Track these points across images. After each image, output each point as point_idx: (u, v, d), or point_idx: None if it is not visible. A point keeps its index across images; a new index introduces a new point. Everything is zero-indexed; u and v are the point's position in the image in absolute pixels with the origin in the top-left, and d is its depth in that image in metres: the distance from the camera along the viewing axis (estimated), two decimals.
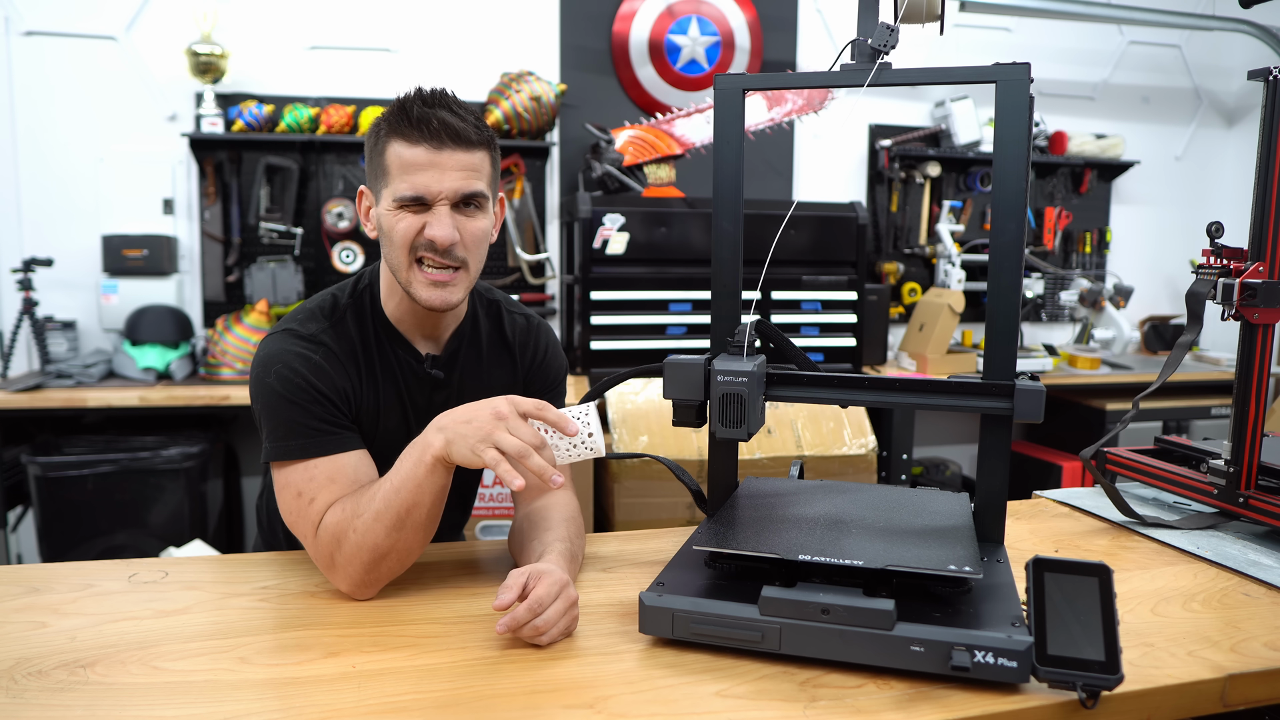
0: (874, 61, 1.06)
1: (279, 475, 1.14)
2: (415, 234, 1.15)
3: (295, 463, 1.12)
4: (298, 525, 1.12)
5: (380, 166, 1.16)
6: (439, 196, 1.14)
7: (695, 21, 3.67)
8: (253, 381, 1.18)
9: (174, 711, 0.82)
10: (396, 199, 1.14)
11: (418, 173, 1.13)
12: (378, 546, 1.06)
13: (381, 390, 1.24)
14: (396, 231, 1.15)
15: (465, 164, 1.15)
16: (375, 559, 1.06)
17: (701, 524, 1.13)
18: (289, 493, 1.13)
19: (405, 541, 1.07)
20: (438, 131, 1.13)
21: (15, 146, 3.14)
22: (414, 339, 1.26)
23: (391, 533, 1.05)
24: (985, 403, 1.06)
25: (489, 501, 2.82)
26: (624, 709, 0.83)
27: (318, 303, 1.24)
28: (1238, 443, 1.30)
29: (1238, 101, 4.41)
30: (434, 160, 1.13)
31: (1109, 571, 0.84)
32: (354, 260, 3.36)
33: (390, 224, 1.16)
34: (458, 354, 1.30)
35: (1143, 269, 4.32)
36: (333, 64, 3.38)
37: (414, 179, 1.13)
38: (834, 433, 2.73)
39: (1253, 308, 1.25)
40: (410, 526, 1.06)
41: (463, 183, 1.15)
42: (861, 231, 3.25)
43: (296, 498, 1.12)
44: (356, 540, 1.06)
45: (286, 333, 1.19)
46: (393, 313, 1.25)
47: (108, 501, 2.77)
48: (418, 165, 1.13)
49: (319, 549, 1.10)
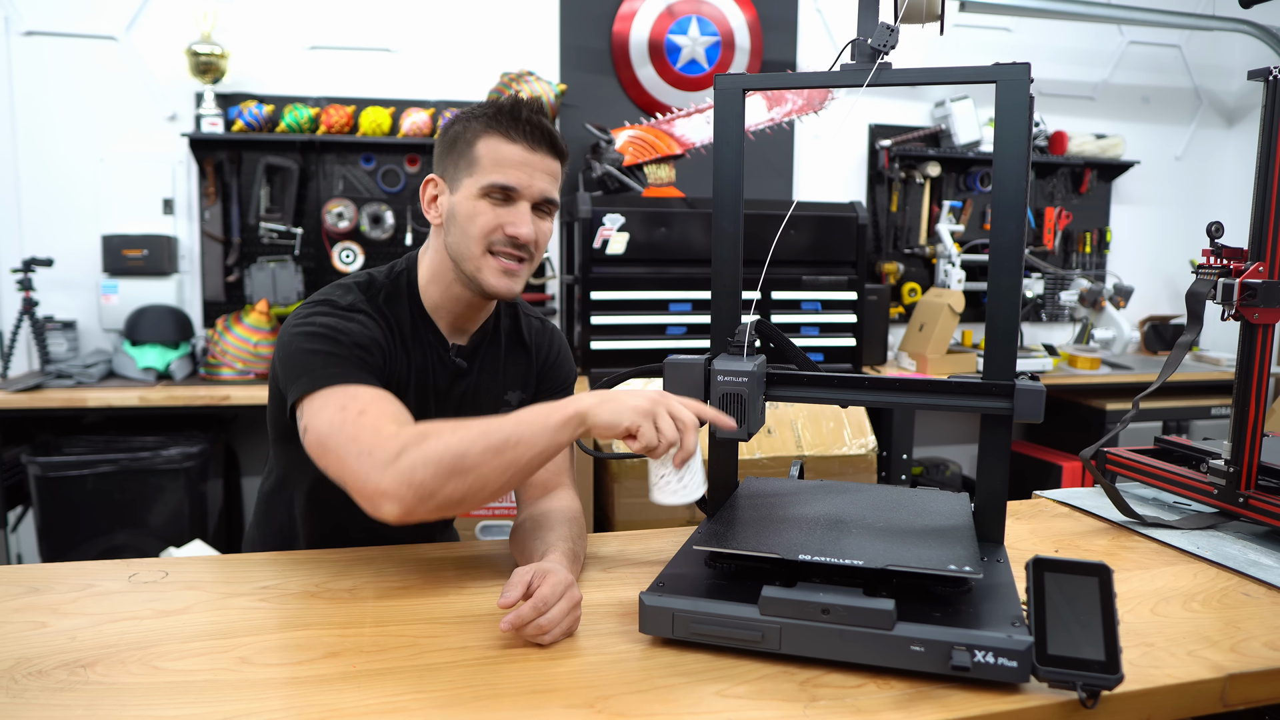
0: (874, 61, 1.06)
1: (312, 404, 1.07)
2: (494, 227, 1.20)
3: (334, 388, 1.08)
4: (343, 430, 1.03)
5: (468, 157, 1.21)
6: (526, 193, 1.21)
7: (695, 21, 3.67)
8: (281, 337, 1.17)
9: (174, 711, 0.82)
10: (485, 187, 1.20)
11: (512, 168, 1.20)
12: (467, 455, 0.98)
13: (411, 369, 1.27)
14: (476, 221, 1.20)
15: (551, 170, 1.24)
16: (455, 469, 0.98)
17: (701, 524, 1.13)
18: (329, 409, 1.05)
19: (490, 471, 0.99)
20: (537, 135, 1.21)
21: (15, 146, 3.14)
22: (444, 328, 1.31)
23: (488, 453, 0.99)
24: (985, 403, 1.06)
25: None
26: (624, 709, 0.83)
27: (354, 279, 1.28)
28: (1238, 443, 1.30)
29: (1238, 101, 4.41)
30: (528, 160, 1.21)
31: (1109, 571, 0.84)
32: (354, 260, 3.36)
33: (469, 212, 1.21)
34: (480, 347, 1.35)
35: (1143, 269, 4.32)
36: (333, 64, 3.38)
37: (509, 173, 1.20)
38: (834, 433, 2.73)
39: (1253, 308, 1.25)
40: (508, 460, 1.00)
41: (548, 185, 1.23)
42: (861, 231, 3.25)
43: (340, 410, 1.05)
44: (448, 441, 0.99)
45: (324, 302, 1.21)
46: (431, 300, 1.29)
47: (108, 501, 2.77)
48: (514, 161, 1.20)
49: (380, 444, 1.00)
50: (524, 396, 1.40)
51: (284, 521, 1.39)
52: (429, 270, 1.29)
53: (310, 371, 1.11)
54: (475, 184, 1.20)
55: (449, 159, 1.25)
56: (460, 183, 1.22)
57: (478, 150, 1.20)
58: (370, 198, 3.42)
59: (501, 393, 1.38)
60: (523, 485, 1.31)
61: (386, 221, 3.41)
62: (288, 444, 1.26)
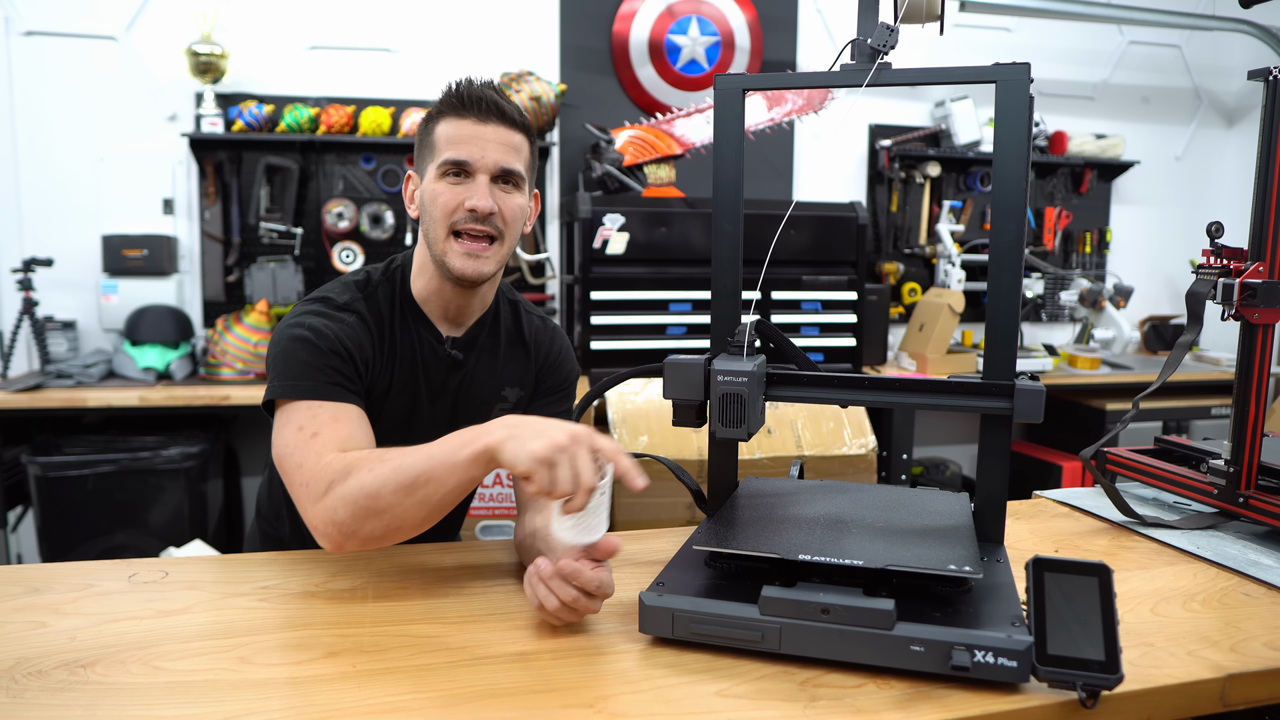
0: (874, 61, 1.06)
1: (281, 414, 1.14)
2: (455, 206, 1.21)
3: (301, 401, 1.13)
4: (292, 455, 1.09)
5: (428, 145, 1.24)
6: (480, 164, 1.21)
7: (695, 21, 3.67)
8: (273, 340, 1.21)
9: (174, 711, 0.82)
10: (440, 164, 1.21)
11: (462, 143, 1.21)
12: (379, 496, 1.00)
13: (398, 366, 1.28)
14: (437, 202, 1.21)
15: (507, 140, 1.22)
16: (369, 509, 1.01)
17: (701, 524, 1.13)
18: (289, 429, 1.11)
19: (405, 509, 1.00)
20: (485, 108, 1.21)
21: (15, 146, 3.14)
22: (437, 320, 1.31)
23: (399, 492, 1.00)
24: (985, 403, 1.06)
25: (489, 501, 2.82)
26: (624, 709, 0.83)
27: (352, 276, 1.31)
28: (1238, 443, 1.30)
29: (1238, 101, 4.41)
30: (478, 132, 1.21)
31: (1109, 571, 0.84)
32: (354, 260, 3.36)
33: (432, 194, 1.22)
34: (477, 340, 1.35)
35: (1143, 269, 4.32)
36: (333, 64, 3.38)
37: (459, 148, 1.20)
38: (834, 433, 2.73)
39: (1253, 308, 1.25)
40: (419, 498, 1.00)
41: (503, 156, 1.22)
42: (861, 231, 3.25)
43: (298, 430, 1.11)
44: (363, 480, 1.01)
45: (321, 300, 1.25)
46: (419, 292, 1.30)
47: (108, 501, 2.77)
48: (463, 136, 1.21)
49: (317, 476, 1.04)
50: (522, 394, 1.40)
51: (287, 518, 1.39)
52: (418, 263, 1.31)
53: (284, 376, 1.15)
54: (434, 166, 1.22)
55: (419, 152, 1.28)
56: (426, 170, 1.25)
57: (435, 135, 1.23)
58: (370, 198, 3.42)
59: (499, 388, 1.38)
60: (519, 482, 1.30)
61: (386, 221, 3.41)
62: None
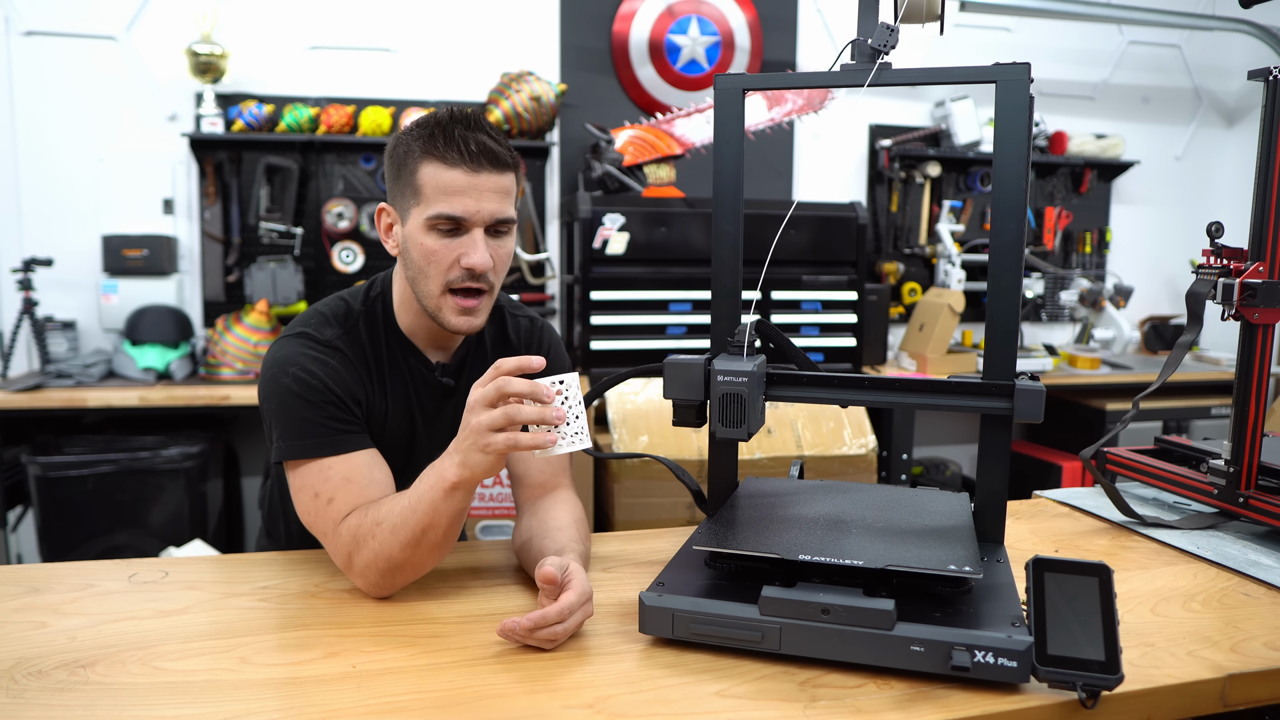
0: (874, 61, 1.06)
1: (294, 476, 1.15)
2: (450, 263, 1.15)
3: (310, 461, 1.13)
4: (316, 525, 1.13)
5: (411, 186, 1.15)
6: (476, 219, 1.14)
7: (695, 21, 3.66)
8: (264, 382, 1.18)
9: (174, 711, 0.82)
10: (431, 218, 1.13)
11: (456, 196, 1.13)
12: (393, 558, 1.06)
13: (391, 398, 1.25)
14: (431, 260, 1.15)
15: (500, 187, 1.15)
16: (391, 569, 1.07)
17: (701, 524, 1.13)
18: (306, 494, 1.13)
19: (420, 557, 1.07)
20: (476, 155, 1.12)
21: (15, 146, 3.14)
22: (426, 349, 1.28)
23: (407, 548, 1.05)
24: (985, 403, 1.06)
25: (489, 501, 2.82)
26: (624, 709, 0.83)
27: (330, 308, 1.25)
28: (1238, 443, 1.30)
29: (1238, 101, 4.41)
30: (472, 184, 1.13)
31: (1109, 571, 0.84)
32: (354, 260, 3.36)
33: (422, 249, 1.15)
34: (466, 360, 1.32)
35: (1143, 269, 4.32)
36: (333, 64, 3.37)
37: (453, 201, 1.13)
38: (834, 433, 2.73)
39: (1253, 308, 1.25)
40: (426, 545, 1.05)
41: (498, 206, 1.15)
42: (861, 231, 3.25)
43: (314, 498, 1.12)
44: (374, 548, 1.06)
45: (302, 336, 1.20)
46: (407, 324, 1.26)
47: (108, 501, 2.77)
48: (456, 189, 1.12)
49: (338, 549, 1.10)
50: None
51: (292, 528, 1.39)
52: (399, 296, 1.25)
53: (288, 435, 1.14)
54: (422, 215, 1.14)
55: (396, 187, 1.19)
56: (409, 213, 1.17)
57: (420, 179, 1.14)
58: (370, 198, 3.42)
59: None
60: (520, 486, 1.31)
61: None
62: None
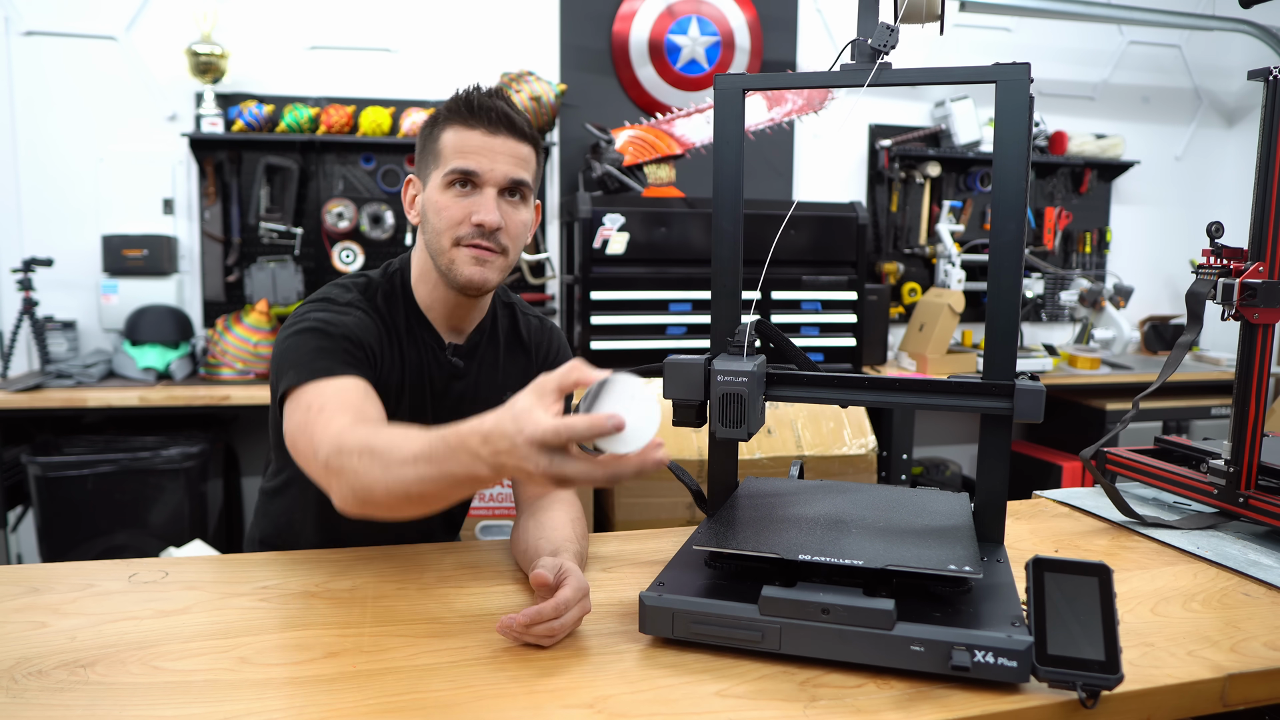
0: (874, 61, 1.06)
1: (291, 400, 1.09)
2: (462, 219, 1.19)
3: (310, 384, 1.09)
4: (302, 434, 1.05)
5: (433, 151, 1.21)
6: (489, 177, 1.19)
7: (695, 21, 3.66)
8: (279, 340, 1.18)
9: (174, 711, 0.82)
10: (447, 174, 1.19)
11: (471, 153, 1.18)
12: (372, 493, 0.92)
13: (405, 368, 1.27)
14: (443, 214, 1.19)
15: (516, 152, 1.21)
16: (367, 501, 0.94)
17: (701, 524, 1.13)
18: (299, 413, 1.07)
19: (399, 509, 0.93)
20: (494, 118, 1.18)
21: (15, 146, 3.14)
22: (440, 327, 1.30)
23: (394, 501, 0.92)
24: (985, 403, 1.06)
25: (489, 501, 2.82)
26: (624, 709, 0.83)
27: (350, 280, 1.29)
28: (1238, 443, 1.30)
29: (1238, 101, 4.41)
30: (488, 144, 1.19)
31: (1109, 571, 0.84)
32: (354, 260, 3.36)
33: (437, 205, 1.20)
34: (478, 347, 1.34)
35: (1143, 269, 4.32)
36: (333, 64, 3.37)
37: (468, 158, 1.18)
38: (834, 433, 2.72)
39: (1253, 308, 1.25)
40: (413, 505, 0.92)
41: (512, 168, 1.20)
42: (861, 231, 3.25)
43: (305, 410, 1.06)
44: (359, 471, 0.93)
45: (322, 300, 1.23)
46: (423, 299, 1.29)
47: (108, 501, 2.77)
48: (472, 147, 1.18)
49: (316, 450, 0.99)
50: None
51: (286, 520, 1.39)
52: (418, 270, 1.29)
53: (297, 365, 1.12)
54: (440, 175, 1.20)
55: (421, 158, 1.26)
56: (430, 177, 1.23)
57: (441, 142, 1.20)
58: (370, 198, 3.42)
59: (501, 394, 1.37)
60: (519, 484, 1.32)
61: (386, 221, 3.41)
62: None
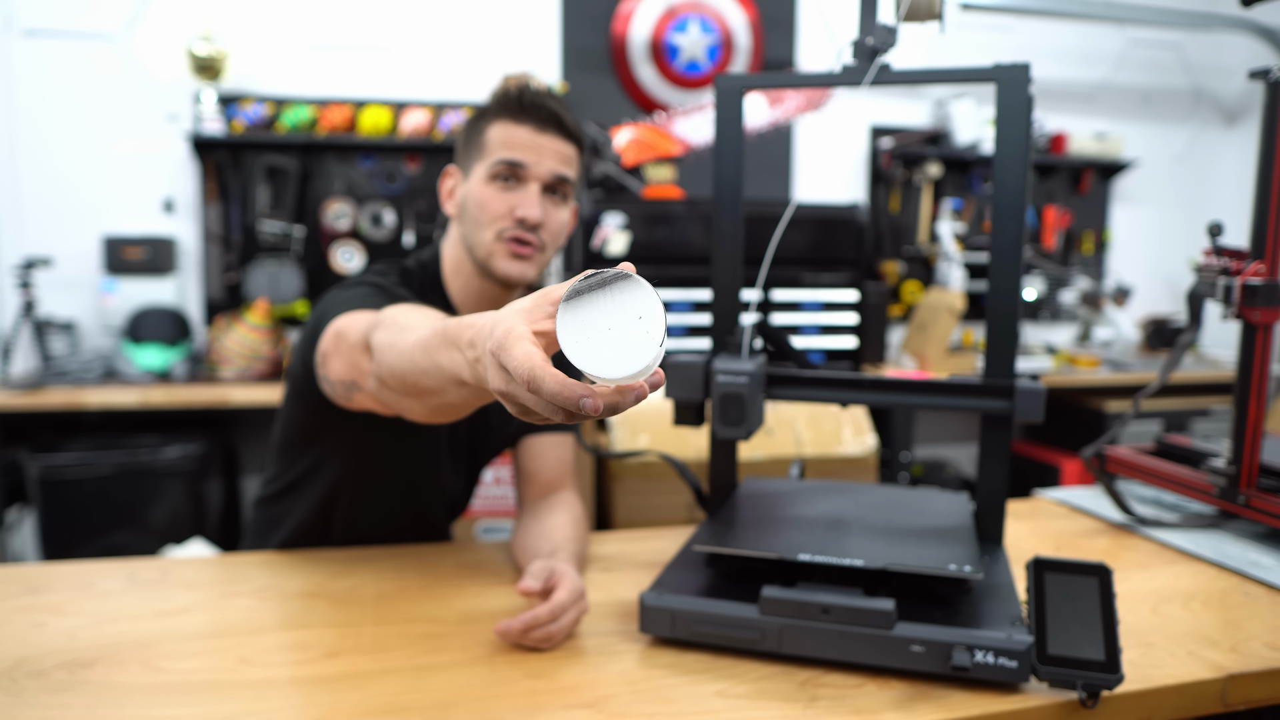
0: (874, 61, 1.06)
1: (329, 330, 1.05)
2: (505, 213, 1.20)
3: (362, 311, 1.04)
4: (339, 337, 1.02)
5: (478, 145, 1.22)
6: (534, 171, 1.20)
7: (695, 21, 3.66)
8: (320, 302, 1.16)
9: (174, 711, 0.82)
10: (492, 166, 1.19)
11: (519, 148, 1.20)
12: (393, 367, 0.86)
13: None
14: (486, 207, 1.20)
15: (562, 151, 1.22)
16: (383, 380, 0.89)
17: (701, 524, 1.13)
18: (334, 327, 1.03)
19: (410, 402, 0.88)
20: (544, 116, 1.20)
21: (15, 146, 3.14)
22: None
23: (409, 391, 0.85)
24: (985, 403, 1.06)
25: (489, 501, 2.82)
26: (624, 709, 0.83)
27: (387, 265, 1.29)
28: (1238, 443, 1.30)
29: (1238, 101, 4.41)
30: (535, 141, 1.20)
31: (1109, 571, 0.84)
32: (353, 260, 3.36)
33: (479, 198, 1.21)
34: None
35: (1143, 269, 4.32)
36: (333, 64, 3.37)
37: (515, 151, 1.19)
38: (834, 433, 2.72)
39: (1253, 308, 1.25)
40: (420, 396, 0.85)
41: (558, 165, 1.22)
42: (861, 231, 3.25)
43: (345, 318, 1.03)
44: (381, 345, 0.89)
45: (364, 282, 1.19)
46: (456, 293, 1.29)
47: (107, 501, 2.77)
48: (519, 142, 1.20)
49: (351, 340, 0.98)
50: None
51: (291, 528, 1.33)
52: (451, 263, 1.29)
53: (349, 304, 1.08)
54: (484, 167, 1.21)
55: (464, 150, 1.26)
56: (472, 169, 1.23)
57: (487, 136, 1.21)
58: (370, 198, 3.42)
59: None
60: (525, 483, 1.32)
61: (386, 221, 3.41)
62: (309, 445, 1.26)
